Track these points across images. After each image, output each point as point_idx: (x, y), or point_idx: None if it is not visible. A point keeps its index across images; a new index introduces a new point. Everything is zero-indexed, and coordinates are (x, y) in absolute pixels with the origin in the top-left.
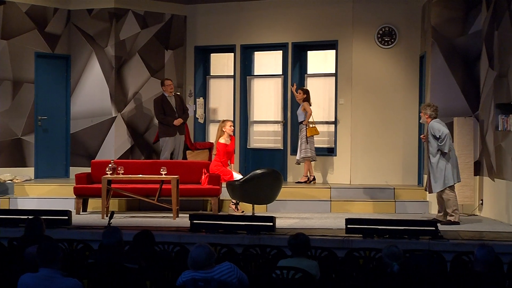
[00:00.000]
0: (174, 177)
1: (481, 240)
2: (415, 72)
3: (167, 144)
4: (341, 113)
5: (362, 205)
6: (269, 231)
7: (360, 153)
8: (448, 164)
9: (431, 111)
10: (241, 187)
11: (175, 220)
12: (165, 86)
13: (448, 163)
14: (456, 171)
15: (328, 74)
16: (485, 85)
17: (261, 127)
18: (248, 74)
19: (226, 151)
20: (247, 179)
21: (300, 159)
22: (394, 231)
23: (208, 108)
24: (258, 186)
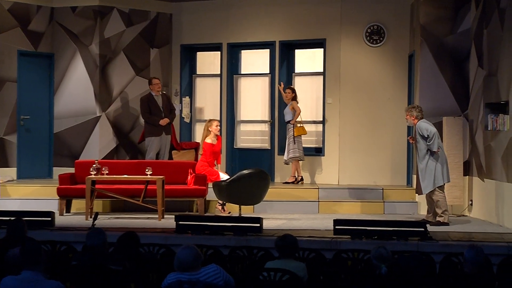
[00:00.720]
0: (159, 178)
1: (471, 241)
2: (403, 71)
3: (152, 144)
4: (329, 112)
5: (350, 206)
6: (256, 232)
7: (348, 153)
8: (438, 164)
9: (417, 112)
10: (227, 188)
11: (160, 221)
12: (152, 85)
13: (438, 163)
14: (446, 171)
15: (316, 73)
16: (475, 84)
17: (248, 126)
18: (235, 73)
19: (213, 151)
20: (234, 180)
21: (287, 159)
22: (382, 232)
23: (194, 107)
24: (245, 187)
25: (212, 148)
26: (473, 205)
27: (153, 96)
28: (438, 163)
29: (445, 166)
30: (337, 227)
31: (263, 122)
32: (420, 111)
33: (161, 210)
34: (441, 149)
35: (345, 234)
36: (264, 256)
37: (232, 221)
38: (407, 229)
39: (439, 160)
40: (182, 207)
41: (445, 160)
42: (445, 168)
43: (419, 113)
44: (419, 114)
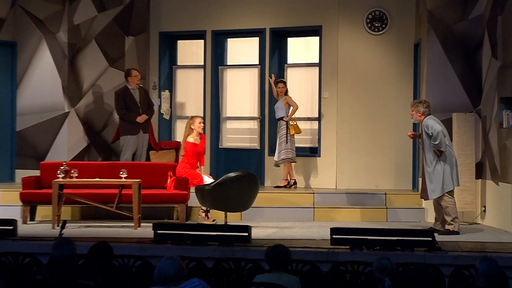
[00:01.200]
0: (135, 181)
1: (484, 252)
2: (409, 62)
3: (128, 144)
4: (326, 108)
5: (349, 213)
6: (244, 243)
7: (347, 153)
8: (446, 166)
9: (424, 108)
10: (212, 193)
11: (136, 230)
12: (131, 77)
13: (446, 165)
14: (456, 174)
15: (311, 64)
16: (488, 77)
17: (235, 124)
18: (220, 64)
19: (195, 151)
20: (219, 183)
21: (279, 160)
22: (385, 242)
23: (175, 102)
24: (232, 191)
25: (195, 148)
26: (486, 211)
27: (129, 89)
28: (447, 165)
29: (455, 169)
30: (334, 237)
31: (252, 119)
32: (427, 107)
33: (137, 218)
34: (449, 149)
35: (344, 244)
36: (253, 269)
37: (217, 229)
38: (412, 238)
39: (447, 162)
40: (160, 214)
41: (455, 162)
42: (455, 171)
43: (426, 108)
44: (426, 110)
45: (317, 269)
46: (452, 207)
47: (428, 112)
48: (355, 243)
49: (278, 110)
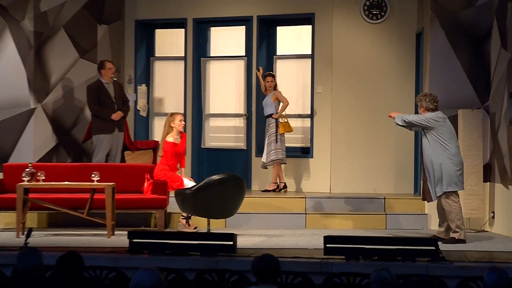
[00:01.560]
0: (108, 185)
1: (492, 262)
2: (410, 53)
3: (101, 143)
4: (319, 104)
5: (344, 219)
6: (229, 252)
7: (342, 154)
8: (452, 166)
9: (428, 102)
10: (193, 197)
11: (109, 238)
12: (105, 69)
13: (451, 164)
14: (462, 176)
15: (303, 56)
16: (497, 70)
17: (219, 121)
18: (203, 55)
19: (175, 151)
20: (201, 187)
21: (268, 162)
22: (384, 252)
23: (153, 98)
24: (215, 196)
25: (175, 148)
26: (495, 218)
27: (103, 83)
28: (452, 165)
29: (461, 171)
30: (328, 246)
31: (238, 116)
32: (432, 101)
33: (111, 225)
34: (456, 149)
35: (338, 254)
36: (239, 281)
37: (199, 238)
38: (414, 247)
39: (453, 162)
40: (137, 221)
41: (462, 163)
42: (461, 173)
43: (430, 103)
44: (430, 105)
45: (309, 282)
46: (457, 212)
47: (433, 107)
48: (351, 253)
49: (267, 106)
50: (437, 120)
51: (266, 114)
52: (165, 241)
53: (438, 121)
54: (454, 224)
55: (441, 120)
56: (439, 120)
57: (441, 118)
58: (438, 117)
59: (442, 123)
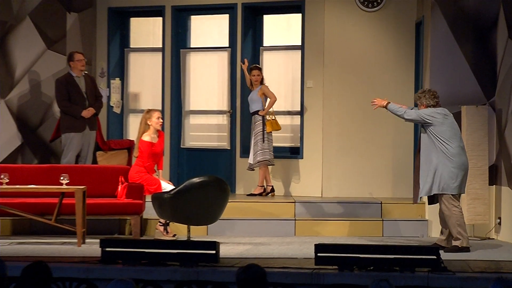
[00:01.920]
0: (79, 188)
1: (498, 272)
2: (409, 44)
3: (71, 143)
4: (310, 100)
5: (337, 226)
6: (211, 262)
7: (335, 154)
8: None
9: (427, 99)
10: (172, 202)
11: (80, 247)
12: (74, 61)
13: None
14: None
15: (292, 47)
16: (504, 62)
17: (201, 119)
18: (183, 46)
19: (152, 152)
20: (180, 191)
21: (254, 163)
22: (381, 261)
23: (127, 93)
24: (196, 201)
25: (152, 148)
26: (501, 224)
27: (73, 77)
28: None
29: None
30: (319, 255)
31: (221, 113)
32: (432, 97)
33: (81, 233)
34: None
35: (331, 264)
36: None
37: (178, 246)
38: (414, 257)
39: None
40: (110, 228)
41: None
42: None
43: (430, 99)
44: (430, 101)
45: None
46: (457, 217)
47: (435, 103)
48: (345, 263)
49: (253, 102)
50: (434, 116)
51: (252, 111)
52: (141, 250)
53: (436, 118)
54: (455, 231)
55: (439, 117)
56: (437, 117)
57: (441, 114)
58: (436, 113)
59: (441, 120)
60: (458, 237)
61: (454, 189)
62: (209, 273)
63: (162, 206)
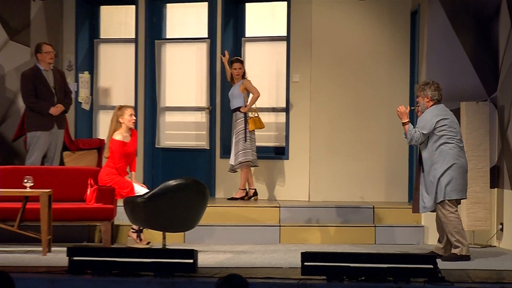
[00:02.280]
0: (44, 192)
1: (501, 283)
2: (404, 35)
3: (38, 142)
4: (296, 95)
5: (326, 233)
6: (188, 272)
7: (323, 155)
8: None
9: (433, 91)
10: (146, 206)
11: (45, 256)
12: (42, 54)
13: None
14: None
15: (277, 38)
16: (506, 54)
17: (177, 116)
18: (158, 37)
19: (124, 152)
20: (155, 195)
21: (236, 164)
22: (373, 271)
23: (97, 87)
24: (172, 205)
25: (124, 148)
26: (504, 230)
27: (41, 71)
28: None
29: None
30: (306, 264)
31: (199, 110)
32: (436, 89)
33: (47, 240)
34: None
35: (319, 274)
36: None
37: (152, 255)
38: (409, 266)
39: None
40: (78, 236)
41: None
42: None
43: (436, 91)
44: (436, 94)
45: None
46: (455, 224)
47: (439, 97)
48: (334, 273)
49: (234, 98)
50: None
51: (233, 107)
52: (112, 259)
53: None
54: (453, 238)
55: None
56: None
57: (440, 115)
58: (436, 115)
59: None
60: (457, 245)
61: (453, 194)
62: (186, 284)
63: (135, 211)
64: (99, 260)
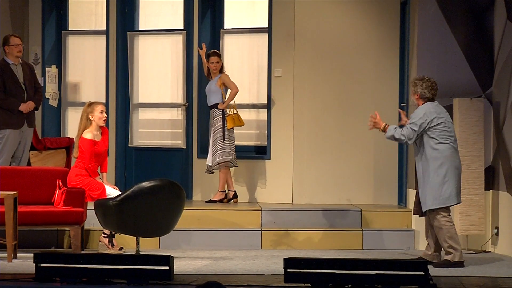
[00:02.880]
0: (9, 194)
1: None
2: (393, 27)
3: (7, 141)
4: (278, 91)
5: (310, 237)
6: (164, 280)
7: (307, 155)
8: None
9: (423, 89)
10: (118, 210)
11: (11, 262)
12: (9, 46)
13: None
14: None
15: (257, 30)
16: (502, 48)
17: (151, 113)
18: (130, 29)
19: (95, 152)
20: (128, 197)
21: (213, 164)
22: (361, 278)
23: (65, 83)
24: (146, 208)
25: (94, 148)
26: (499, 235)
27: (9, 65)
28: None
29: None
30: (290, 271)
31: (175, 107)
32: (429, 89)
33: (12, 246)
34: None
35: (303, 282)
36: None
37: (125, 262)
38: (398, 272)
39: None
40: (46, 241)
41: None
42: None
43: (427, 90)
44: (426, 92)
45: None
46: (449, 228)
47: (430, 95)
48: (319, 280)
49: (211, 94)
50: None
51: (210, 104)
52: (82, 266)
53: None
54: (446, 245)
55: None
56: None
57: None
58: (431, 112)
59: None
60: (450, 251)
61: (449, 201)
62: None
63: (106, 214)
64: (68, 267)
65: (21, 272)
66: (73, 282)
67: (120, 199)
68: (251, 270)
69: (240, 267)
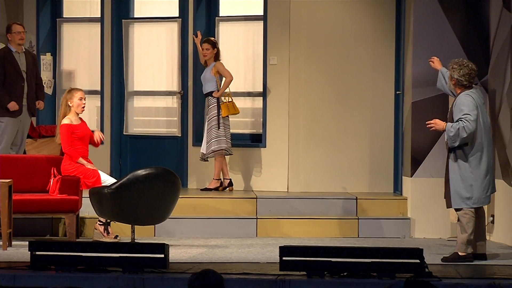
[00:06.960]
0: (4, 182)
1: (490, 278)
2: (389, 15)
3: (5, 129)
4: (273, 79)
5: (306, 226)
6: (159, 268)
7: (303, 143)
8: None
9: (460, 75)
10: (113, 198)
11: (6, 251)
12: (11, 33)
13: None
14: (492, 180)
15: (253, 17)
16: (498, 36)
17: (146, 101)
18: (125, 16)
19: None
20: (123, 185)
21: (208, 153)
22: (356, 266)
23: (60, 70)
24: (141, 196)
25: (74, 133)
26: (494, 223)
27: (12, 52)
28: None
29: (492, 173)
30: (285, 259)
31: (170, 95)
32: (467, 77)
33: (7, 234)
34: (487, 142)
35: (298, 270)
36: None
37: (120, 250)
38: (394, 260)
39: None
40: (41, 229)
41: (492, 163)
42: (491, 176)
43: (464, 78)
44: (462, 79)
45: None
46: (468, 220)
47: (467, 83)
48: (314, 268)
49: (206, 82)
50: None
51: (205, 91)
52: (77, 254)
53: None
54: (464, 236)
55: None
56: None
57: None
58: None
59: None
60: (463, 244)
61: (485, 198)
62: (157, 280)
63: (101, 202)
64: (63, 255)
65: (16, 260)
66: (68, 270)
67: (116, 187)
68: (246, 258)
69: (235, 255)
